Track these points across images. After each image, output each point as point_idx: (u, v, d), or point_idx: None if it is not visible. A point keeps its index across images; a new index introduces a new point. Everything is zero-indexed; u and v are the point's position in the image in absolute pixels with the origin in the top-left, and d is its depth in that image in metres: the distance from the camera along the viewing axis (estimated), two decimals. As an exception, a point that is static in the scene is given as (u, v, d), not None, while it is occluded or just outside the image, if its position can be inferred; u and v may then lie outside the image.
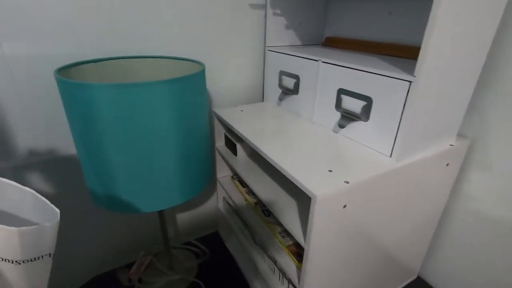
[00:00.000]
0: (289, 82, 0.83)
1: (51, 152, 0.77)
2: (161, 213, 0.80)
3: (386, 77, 0.56)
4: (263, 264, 0.83)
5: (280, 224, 0.75)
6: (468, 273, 0.80)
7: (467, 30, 0.52)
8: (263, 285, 0.88)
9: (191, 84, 0.59)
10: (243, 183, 0.92)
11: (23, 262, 0.25)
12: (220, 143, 0.94)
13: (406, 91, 0.53)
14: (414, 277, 0.92)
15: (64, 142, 0.78)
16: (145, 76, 0.77)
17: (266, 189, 0.71)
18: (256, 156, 0.87)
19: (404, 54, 0.72)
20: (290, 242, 0.69)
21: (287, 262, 0.67)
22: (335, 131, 0.71)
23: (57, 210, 0.28)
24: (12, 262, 0.25)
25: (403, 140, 0.57)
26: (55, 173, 0.79)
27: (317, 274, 0.59)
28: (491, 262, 0.74)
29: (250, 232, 0.86)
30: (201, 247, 1.01)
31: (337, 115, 0.70)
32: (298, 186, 0.52)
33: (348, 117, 0.66)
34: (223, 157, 0.94)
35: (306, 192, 0.51)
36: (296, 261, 0.64)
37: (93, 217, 0.89)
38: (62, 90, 0.54)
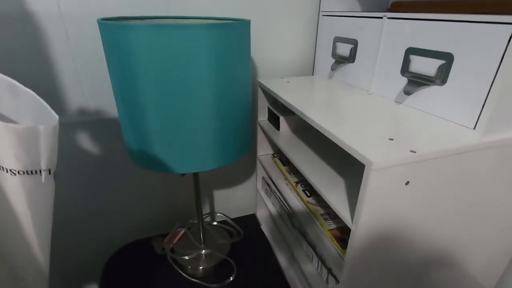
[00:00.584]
0: (345, 49, 0.72)
1: (98, 113, 0.79)
2: (196, 180, 0.76)
3: (478, 23, 0.44)
4: (301, 251, 0.75)
5: (323, 206, 0.66)
6: None
7: None
8: (299, 274, 0.80)
9: (234, 34, 0.53)
10: (284, 162, 0.84)
11: (18, 173, 0.22)
12: (262, 118, 0.87)
13: (507, 41, 0.41)
14: (486, 293, 0.75)
15: (111, 105, 0.79)
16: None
17: (310, 166, 0.62)
18: (300, 132, 0.79)
19: (498, 10, 0.57)
20: (333, 226, 0.60)
21: (328, 248, 0.58)
22: (398, 101, 0.60)
23: (56, 116, 0.24)
24: (7, 171, 0.22)
25: (494, 108, 0.44)
26: (100, 135, 0.81)
27: (362, 263, 0.49)
28: None
29: (289, 214, 0.78)
30: (236, 227, 0.96)
31: (402, 82, 0.58)
32: (349, 152, 0.43)
33: (417, 82, 0.54)
34: (265, 133, 0.88)
35: (359, 159, 0.41)
36: (339, 247, 0.55)
37: (134, 185, 0.90)
38: (103, 35, 0.52)
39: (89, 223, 0.91)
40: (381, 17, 0.60)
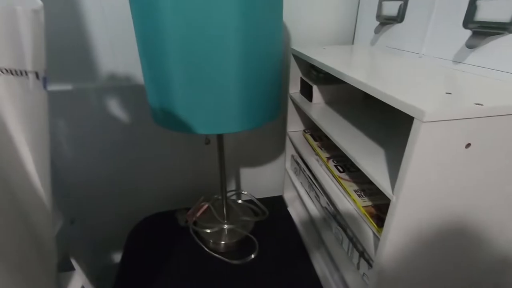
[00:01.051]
0: (392, 8, 0.63)
1: (128, 79, 0.78)
2: (221, 148, 0.73)
3: None
4: (329, 234, 0.68)
5: (357, 182, 0.59)
6: None
7: None
8: (326, 258, 0.73)
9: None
10: (315, 137, 0.78)
11: (1, 71, 0.19)
12: (294, 90, 0.81)
13: None
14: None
15: (140, 72, 0.78)
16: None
17: (345, 136, 0.55)
18: (335, 104, 0.71)
19: None
20: (369, 203, 0.53)
21: (362, 228, 0.51)
22: (457, 61, 0.50)
23: (40, 2, 0.21)
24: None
25: None
26: (129, 101, 0.81)
27: (402, 243, 0.42)
28: None
29: (318, 193, 0.72)
30: (261, 206, 0.92)
31: (463, 36, 0.48)
32: (394, 104, 0.36)
33: (485, 33, 0.44)
34: (296, 107, 0.82)
35: (407, 111, 0.34)
36: (375, 225, 0.48)
37: (160, 156, 0.90)
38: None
39: (116, 193, 0.93)
40: (441, -39, 0.51)
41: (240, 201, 0.95)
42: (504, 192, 0.41)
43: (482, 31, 0.45)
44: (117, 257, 1.02)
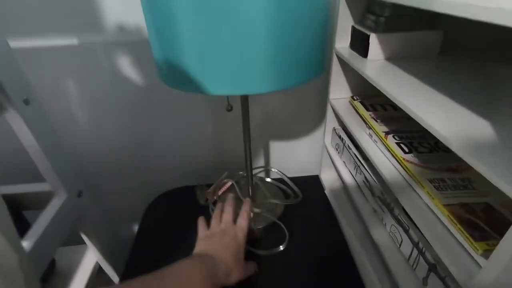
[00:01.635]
0: None
1: (140, 32, 0.66)
2: (245, 113, 0.58)
3: None
4: (381, 232, 0.53)
5: (432, 168, 0.42)
6: None
7: None
8: (372, 259, 0.59)
9: None
10: (367, 106, 0.60)
11: None
12: (342, 44, 0.63)
13: None
14: None
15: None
16: None
17: (421, 105, 0.38)
18: (399, 61, 0.52)
19: None
20: (453, 201, 0.36)
21: (439, 235, 0.35)
22: None
23: None
24: None
25: None
26: (141, 56, 0.68)
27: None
28: None
29: (368, 178, 0.56)
30: (293, 187, 0.78)
31: None
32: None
33: None
34: (343, 66, 0.64)
35: None
36: (470, 238, 0.31)
37: (177, 127, 0.78)
38: None
39: (132, 166, 0.84)
40: None
41: (268, 180, 0.82)
42: None
43: None
44: (134, 232, 0.97)
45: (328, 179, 0.83)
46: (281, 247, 0.63)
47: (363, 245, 0.63)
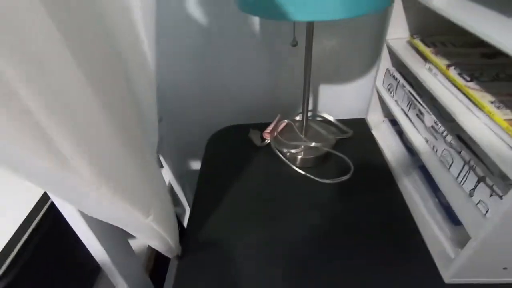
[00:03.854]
0: None
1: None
2: (309, 41, 0.63)
3: None
4: (432, 159, 0.58)
5: (495, 92, 0.46)
6: None
7: None
8: (418, 183, 0.66)
9: None
10: (428, 43, 0.62)
11: None
12: (405, -19, 0.63)
13: None
14: None
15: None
16: None
17: (492, 24, 0.41)
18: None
19: None
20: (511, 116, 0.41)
21: (496, 147, 0.40)
22: None
23: None
24: None
25: None
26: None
27: None
28: None
29: (422, 110, 0.60)
30: (343, 127, 0.84)
31: None
32: None
33: None
34: (405, 1, 0.65)
35: None
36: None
37: (240, 57, 0.84)
38: None
39: (197, 97, 0.92)
40: None
41: (319, 119, 0.89)
42: None
43: None
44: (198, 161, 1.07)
45: (374, 120, 0.88)
46: (348, 176, 0.71)
47: (409, 173, 0.69)
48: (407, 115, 0.69)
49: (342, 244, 0.59)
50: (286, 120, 0.84)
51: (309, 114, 0.94)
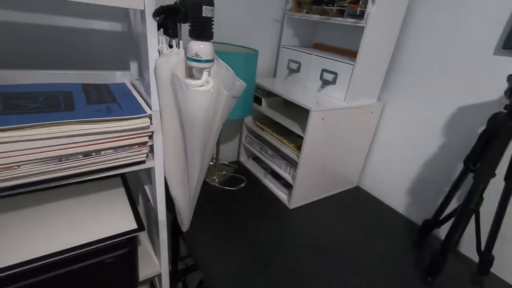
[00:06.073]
0: (294, 66, 1.48)
1: None
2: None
3: (343, 62, 1.24)
4: (272, 161, 1.47)
5: (287, 139, 1.40)
6: (388, 177, 1.51)
7: (378, 48, 1.22)
8: (271, 174, 1.52)
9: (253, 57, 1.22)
10: (262, 123, 1.55)
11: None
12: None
13: (351, 70, 1.21)
14: (354, 185, 1.61)
15: None
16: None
17: (281, 118, 1.35)
18: (272, 108, 1.51)
19: (350, 54, 1.40)
20: (292, 145, 1.34)
21: (291, 155, 1.31)
22: (318, 91, 1.38)
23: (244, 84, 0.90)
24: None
25: (349, 93, 1.24)
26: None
27: (307, 159, 1.24)
28: (402, 171, 1.46)
29: (265, 149, 1.50)
30: (231, 165, 1.62)
31: (320, 82, 1.36)
32: (298, 103, 1.17)
33: (326, 82, 1.33)
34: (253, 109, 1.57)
35: (304, 106, 1.16)
36: (297, 150, 1.29)
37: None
38: None
39: None
40: (311, 54, 1.38)
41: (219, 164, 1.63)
42: (339, 144, 1.28)
43: (325, 81, 1.33)
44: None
45: (244, 160, 1.72)
46: (242, 184, 1.46)
47: (265, 176, 1.55)
48: (260, 153, 1.57)
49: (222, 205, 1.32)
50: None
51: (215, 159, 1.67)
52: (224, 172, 1.53)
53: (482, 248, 1.02)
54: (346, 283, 0.99)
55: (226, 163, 1.65)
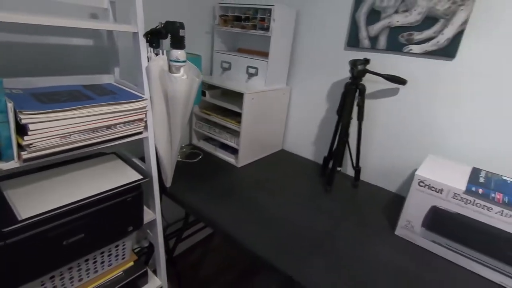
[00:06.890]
0: (226, 65, 2.01)
1: None
2: None
3: (260, 60, 1.83)
4: (220, 136, 1.97)
5: (226, 120, 1.92)
6: (301, 138, 2.17)
7: (281, 50, 1.85)
8: (220, 147, 2.02)
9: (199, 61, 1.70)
10: (208, 110, 2.04)
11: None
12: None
13: (266, 65, 1.81)
14: (280, 148, 2.24)
15: None
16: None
17: (223, 104, 1.87)
18: (214, 97, 2.02)
19: (264, 54, 2.01)
20: (233, 121, 1.86)
21: (234, 128, 1.84)
22: (246, 81, 1.95)
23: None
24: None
25: (267, 80, 1.84)
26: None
27: (245, 128, 1.79)
28: (308, 132, 2.13)
29: (215, 128, 1.99)
30: (187, 146, 2.06)
31: (246, 75, 1.93)
32: (233, 89, 1.71)
33: (250, 75, 1.90)
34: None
35: (240, 91, 1.70)
36: (238, 124, 1.82)
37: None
38: None
39: None
40: (238, 56, 1.93)
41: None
42: (266, 117, 1.86)
43: (251, 74, 1.90)
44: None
45: (195, 142, 2.17)
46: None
47: (215, 149, 2.04)
48: (209, 132, 2.05)
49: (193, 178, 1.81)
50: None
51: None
52: (184, 150, 1.96)
53: (354, 164, 1.73)
54: (280, 200, 1.57)
55: (182, 145, 2.08)
